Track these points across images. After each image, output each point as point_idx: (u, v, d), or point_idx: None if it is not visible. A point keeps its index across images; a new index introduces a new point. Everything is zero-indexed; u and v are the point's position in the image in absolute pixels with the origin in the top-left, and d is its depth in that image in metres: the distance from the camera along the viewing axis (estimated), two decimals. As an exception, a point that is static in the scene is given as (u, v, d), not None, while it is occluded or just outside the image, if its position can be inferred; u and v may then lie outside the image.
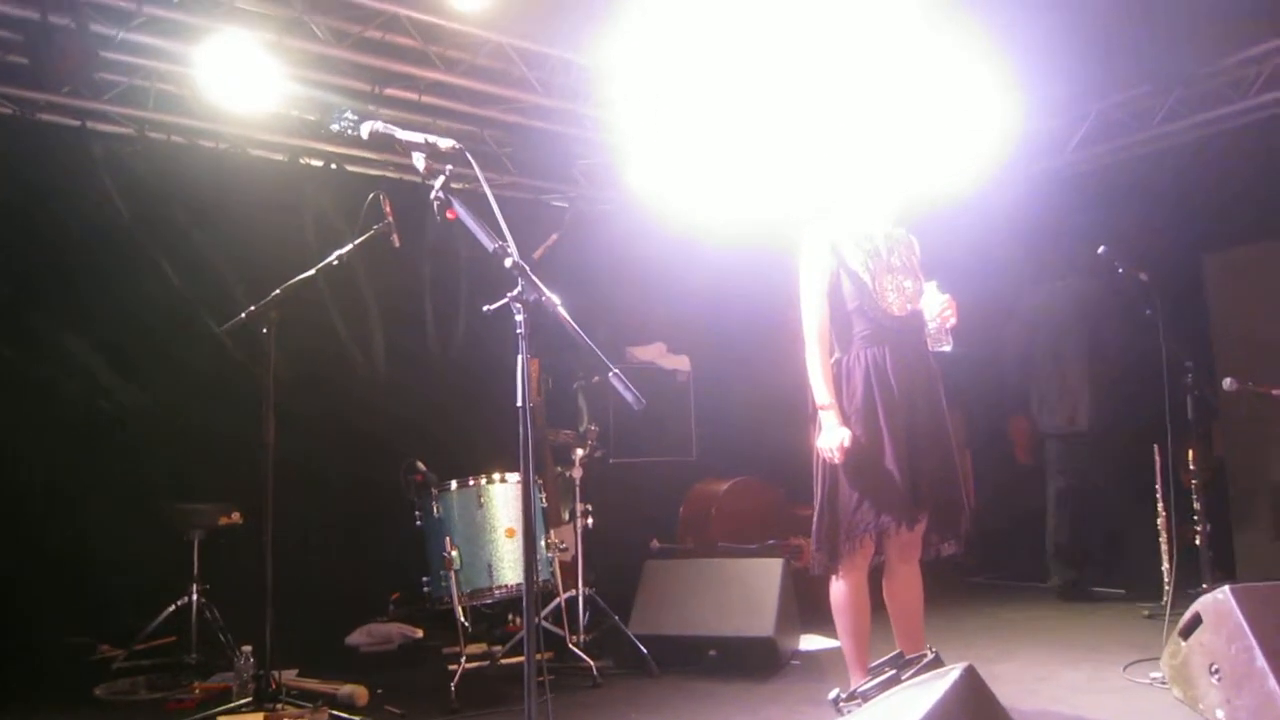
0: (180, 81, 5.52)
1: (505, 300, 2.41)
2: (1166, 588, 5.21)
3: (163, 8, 4.84)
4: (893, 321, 3.45)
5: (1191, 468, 5.09)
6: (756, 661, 4.47)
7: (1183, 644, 3.29)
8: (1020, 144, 6.49)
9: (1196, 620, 3.23)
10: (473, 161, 2.66)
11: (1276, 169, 5.89)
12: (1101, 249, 4.76)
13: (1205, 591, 3.40)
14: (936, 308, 3.49)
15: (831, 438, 3.38)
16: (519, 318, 2.40)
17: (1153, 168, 6.53)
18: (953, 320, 3.49)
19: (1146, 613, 5.39)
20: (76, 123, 5.59)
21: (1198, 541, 4.95)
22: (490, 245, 2.44)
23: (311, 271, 4.05)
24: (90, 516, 5.18)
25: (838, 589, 3.48)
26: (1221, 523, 5.56)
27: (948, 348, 3.47)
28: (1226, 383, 4.70)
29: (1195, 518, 5.04)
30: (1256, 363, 5.37)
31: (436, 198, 2.56)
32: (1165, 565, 5.42)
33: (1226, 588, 3.15)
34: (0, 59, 5.11)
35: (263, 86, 5.16)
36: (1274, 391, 4.72)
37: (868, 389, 3.41)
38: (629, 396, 2.32)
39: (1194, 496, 5.07)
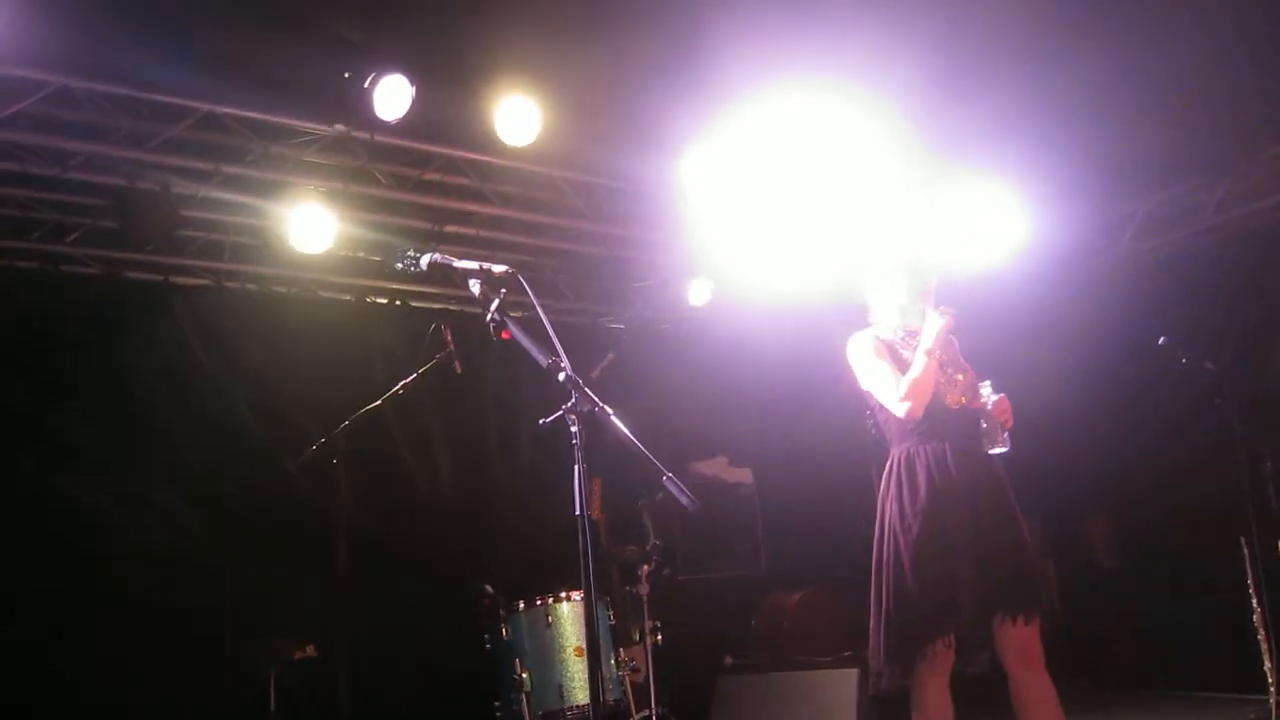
0: (254, 233, 5.86)
1: (560, 413, 2.49)
2: (1270, 687, 4.93)
3: (237, 166, 5.19)
4: (949, 415, 3.36)
5: (1281, 559, 4.88)
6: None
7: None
8: (1075, 241, 6.52)
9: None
10: (525, 284, 2.78)
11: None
12: (1162, 340, 4.72)
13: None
14: (990, 407, 3.39)
15: (935, 322, 3.31)
16: (574, 429, 2.48)
17: (1210, 257, 6.47)
18: (1009, 420, 3.39)
19: (1253, 716, 5.10)
20: (159, 278, 5.95)
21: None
22: (544, 361, 2.54)
23: (378, 402, 4.21)
24: (169, 655, 5.25)
25: (918, 701, 3.25)
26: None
27: (1003, 449, 3.37)
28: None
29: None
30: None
31: (491, 319, 2.68)
32: (1267, 664, 5.14)
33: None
34: (91, 225, 5.51)
35: (330, 233, 5.47)
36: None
37: (930, 483, 3.29)
38: (684, 499, 2.36)
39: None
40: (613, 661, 4.46)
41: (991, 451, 3.36)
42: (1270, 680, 5.00)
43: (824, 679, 4.61)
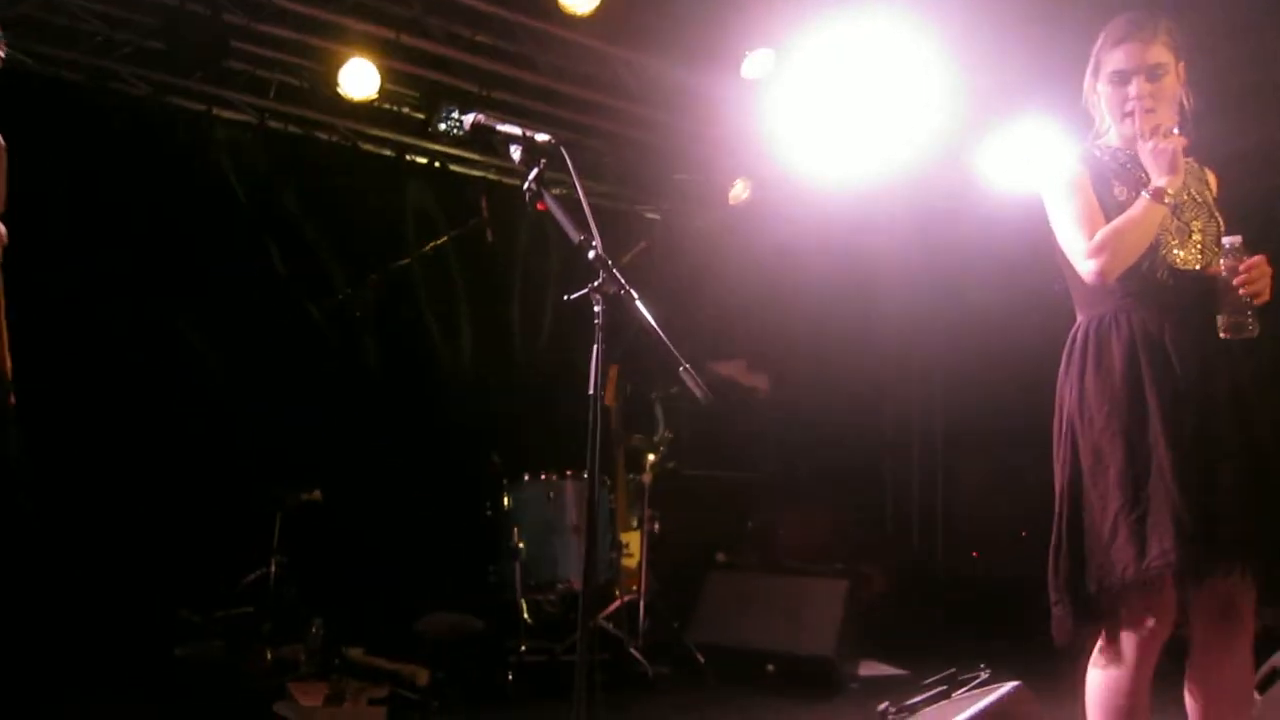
0: (301, 74, 5.77)
1: (585, 290, 2.47)
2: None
3: (290, 1, 5.07)
4: (1176, 280, 2.35)
5: None
6: (815, 681, 4.45)
7: (1257, 698, 3.17)
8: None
9: (1275, 674, 3.11)
10: (567, 158, 2.71)
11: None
12: None
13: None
14: (1236, 274, 2.30)
15: (1163, 148, 2.31)
16: (597, 309, 2.46)
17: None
18: (1264, 293, 2.32)
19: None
20: (202, 107, 5.89)
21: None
22: (575, 238, 2.51)
23: (406, 260, 4.21)
24: (179, 488, 5.37)
25: (1095, 681, 2.30)
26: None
27: (1252, 331, 2.32)
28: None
29: None
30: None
31: (528, 189, 2.64)
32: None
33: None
34: (138, 43, 5.43)
35: (376, 83, 5.38)
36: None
37: (1132, 365, 2.31)
38: (698, 392, 2.36)
39: None
40: (607, 544, 4.55)
41: (1231, 336, 2.33)
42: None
43: (813, 587, 4.70)
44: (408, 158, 6.52)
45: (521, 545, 4.39)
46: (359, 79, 5.35)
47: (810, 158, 5.88)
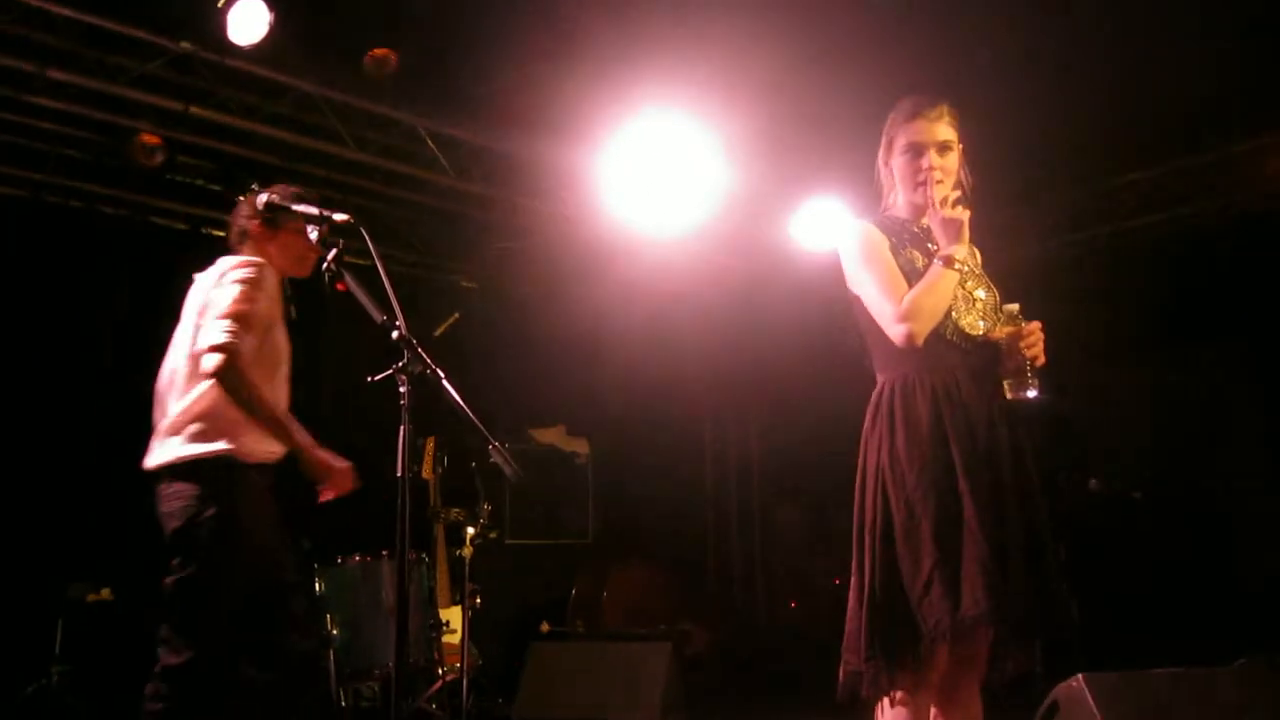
0: (82, 146, 5.47)
1: (390, 371, 2.45)
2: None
3: (68, 73, 4.81)
4: (968, 344, 2.50)
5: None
6: (640, 748, 4.44)
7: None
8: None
9: (1054, 708, 3.34)
10: (367, 235, 2.70)
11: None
12: None
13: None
14: (1018, 339, 2.49)
15: (953, 219, 2.47)
16: (402, 389, 2.45)
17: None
18: (1041, 356, 2.50)
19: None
20: (-35, 182, 5.47)
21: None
22: (378, 318, 2.49)
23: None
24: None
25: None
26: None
27: (1032, 393, 2.51)
28: (1092, 483, 4.97)
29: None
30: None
31: (328, 269, 2.61)
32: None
33: (1080, 676, 3.26)
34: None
35: (167, 155, 5.16)
36: (1134, 494, 4.99)
37: (937, 422, 2.41)
38: (508, 470, 2.37)
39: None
40: (429, 623, 4.43)
41: (1013, 396, 2.51)
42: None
43: (636, 652, 4.71)
44: (203, 230, 6.24)
45: (336, 631, 4.21)
46: (150, 150, 5.14)
47: (622, 224, 6.05)
